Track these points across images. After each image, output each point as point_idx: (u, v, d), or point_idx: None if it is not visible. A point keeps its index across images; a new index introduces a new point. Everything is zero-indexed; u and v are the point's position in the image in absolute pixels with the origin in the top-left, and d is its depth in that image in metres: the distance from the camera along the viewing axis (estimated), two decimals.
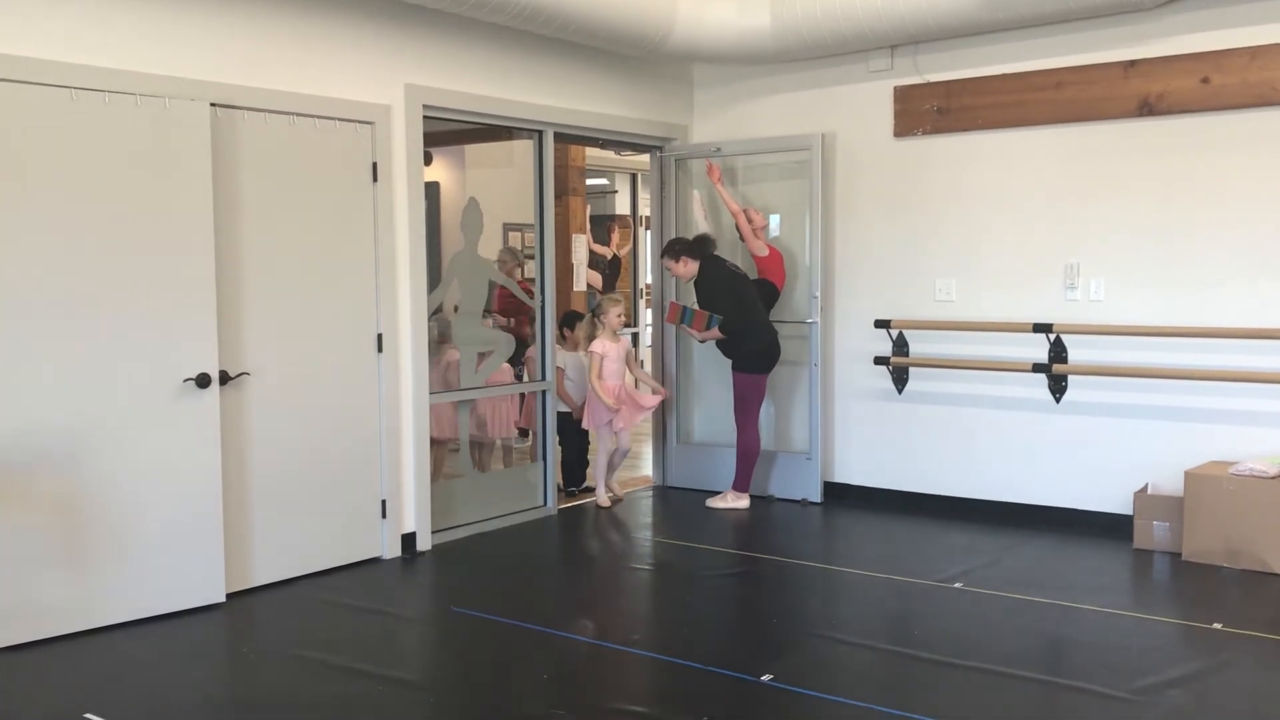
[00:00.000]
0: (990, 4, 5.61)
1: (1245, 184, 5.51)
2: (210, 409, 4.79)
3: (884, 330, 6.55)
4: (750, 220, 6.76)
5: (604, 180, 12.31)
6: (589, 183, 10.32)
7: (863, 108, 6.62)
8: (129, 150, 4.53)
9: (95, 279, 4.45)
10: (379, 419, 5.54)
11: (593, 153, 9.18)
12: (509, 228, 9.77)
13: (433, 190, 8.44)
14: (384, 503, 5.57)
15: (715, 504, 6.71)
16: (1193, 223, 5.65)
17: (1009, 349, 6.16)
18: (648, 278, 11.26)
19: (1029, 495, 6.21)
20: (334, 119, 5.27)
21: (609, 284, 11.24)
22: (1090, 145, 5.91)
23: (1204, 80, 5.55)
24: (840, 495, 6.81)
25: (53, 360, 4.35)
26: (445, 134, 7.42)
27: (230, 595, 4.89)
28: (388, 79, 5.51)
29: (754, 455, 6.65)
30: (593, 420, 6.75)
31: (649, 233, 8.23)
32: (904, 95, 6.46)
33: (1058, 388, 6.05)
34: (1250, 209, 5.50)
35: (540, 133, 6.44)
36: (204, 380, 4.75)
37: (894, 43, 6.26)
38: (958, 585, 5.07)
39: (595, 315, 6.91)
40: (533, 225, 6.61)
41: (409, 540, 5.70)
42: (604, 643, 4.47)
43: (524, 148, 6.79)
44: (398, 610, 4.91)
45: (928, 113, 6.38)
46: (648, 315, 10.83)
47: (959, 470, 6.43)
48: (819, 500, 6.77)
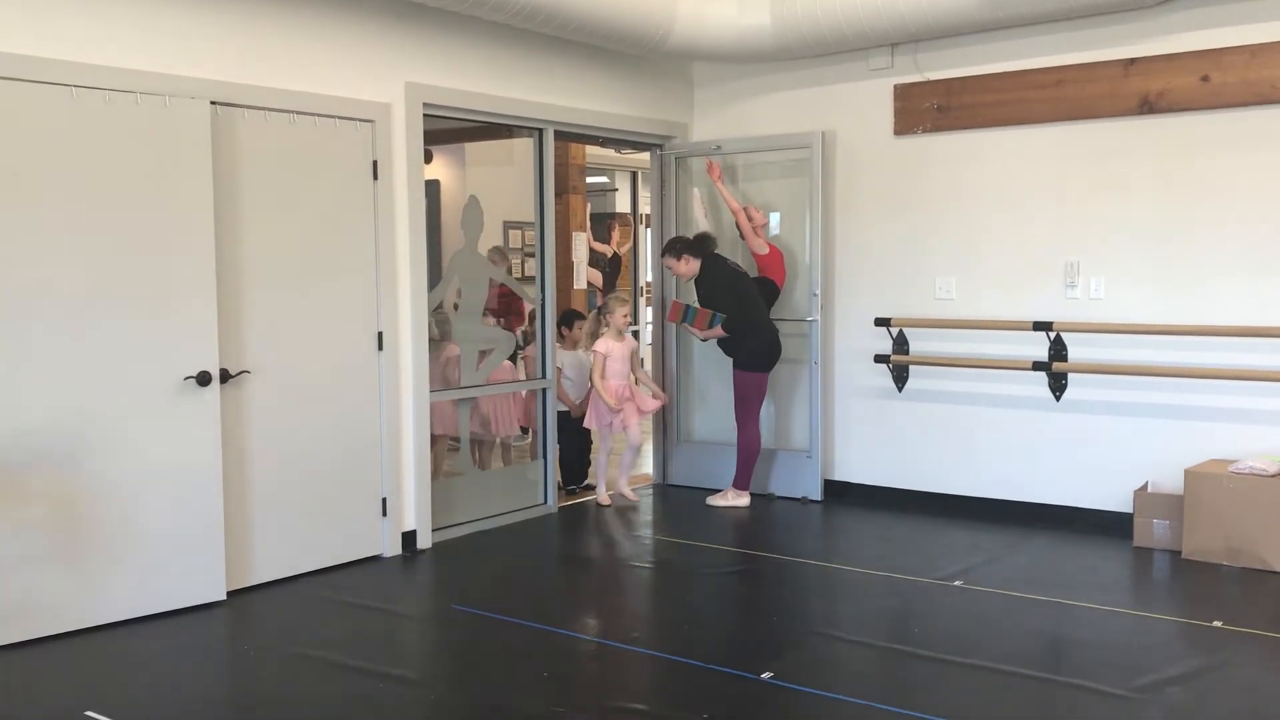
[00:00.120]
0: (991, 2, 5.60)
1: (1245, 182, 5.51)
2: (211, 407, 4.80)
3: (884, 328, 6.55)
4: (750, 218, 6.75)
5: (604, 178, 12.30)
6: (589, 181, 10.32)
7: (863, 106, 6.62)
8: (129, 149, 4.53)
9: (95, 277, 4.46)
10: (379, 417, 5.54)
11: (593, 151, 9.18)
12: (509, 226, 9.76)
13: (433, 188, 8.44)
14: (384, 500, 5.58)
15: (715, 502, 6.72)
16: (1193, 221, 5.66)
17: (1009, 347, 6.16)
18: (648, 276, 11.26)
19: (1029, 493, 6.22)
20: (334, 117, 5.27)
21: (609, 282, 11.23)
22: (1090, 143, 5.91)
23: (1204, 78, 5.55)
24: (840, 493, 6.82)
25: (53, 358, 4.35)
26: (445, 132, 7.41)
27: (231, 593, 4.90)
28: (388, 77, 5.51)
29: (754, 453, 6.65)
30: (596, 419, 6.74)
31: (649, 231, 8.23)
32: (904, 93, 6.46)
33: (1058, 386, 6.06)
34: (1250, 207, 5.51)
35: (540, 131, 6.44)
36: (205, 378, 4.76)
37: (894, 41, 6.26)
38: (958, 583, 5.07)
39: (601, 314, 6.87)
40: (533, 223, 6.60)
41: (409, 538, 5.70)
42: (604, 640, 4.47)
43: (524, 146, 6.79)
44: (398, 608, 4.91)
45: (928, 111, 6.38)
46: (648, 313, 10.82)
47: (959, 468, 6.43)
48: (819, 498, 6.78)
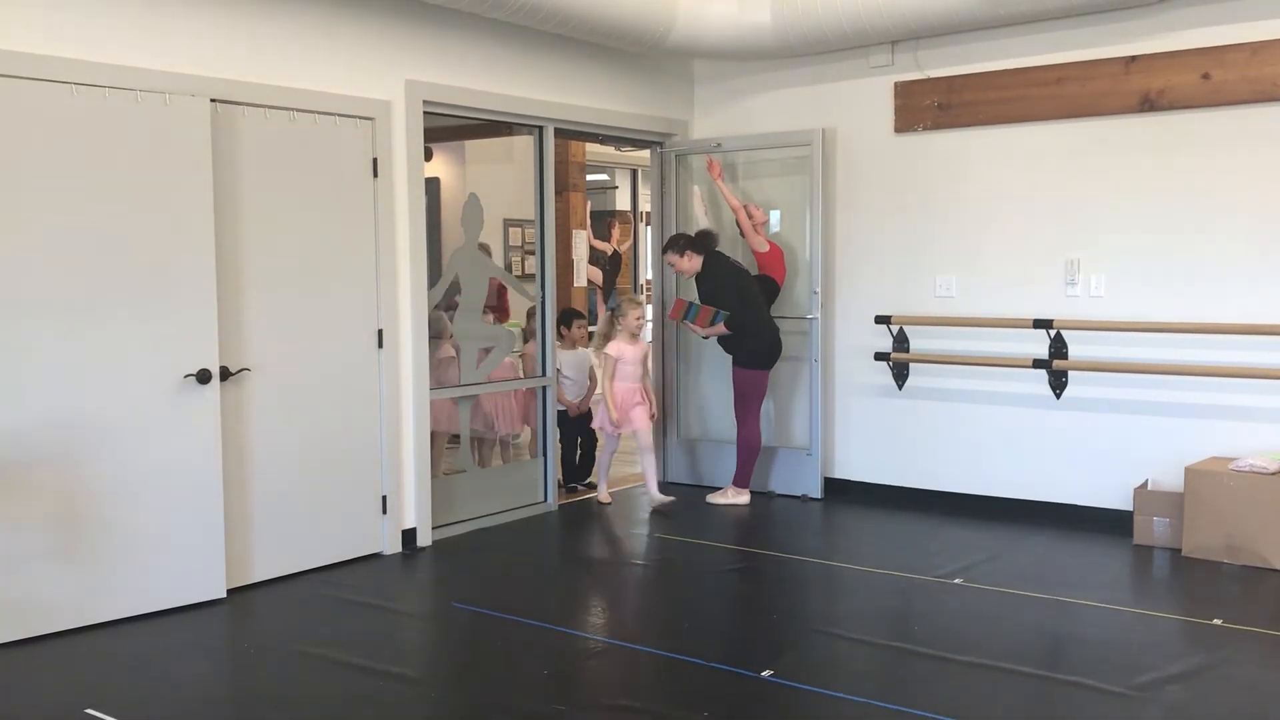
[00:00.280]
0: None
1: (1246, 180, 5.51)
2: (211, 404, 4.80)
3: (884, 326, 6.55)
4: (751, 216, 6.75)
5: (604, 176, 12.31)
6: (589, 178, 10.33)
7: (863, 103, 6.62)
8: (129, 146, 4.53)
9: (95, 275, 4.45)
10: (379, 414, 5.54)
11: (593, 148, 9.18)
12: (509, 223, 9.77)
13: (433, 186, 8.44)
14: (384, 498, 5.58)
15: (716, 500, 6.72)
16: (1193, 218, 5.65)
17: (1009, 344, 6.16)
18: (648, 274, 11.25)
19: (1029, 491, 6.22)
20: (334, 115, 5.27)
21: (609, 280, 11.23)
22: (1091, 141, 5.91)
23: (1205, 76, 5.55)
24: (840, 491, 6.82)
25: (53, 356, 4.35)
26: (445, 129, 7.42)
27: (231, 591, 4.90)
28: (388, 74, 5.51)
29: (755, 451, 6.65)
30: (603, 420, 6.68)
31: (649, 228, 8.22)
32: (905, 91, 6.46)
33: (1058, 383, 6.05)
34: (1250, 205, 5.50)
35: (541, 128, 6.43)
36: (205, 376, 4.76)
37: (895, 38, 6.25)
38: (958, 581, 5.07)
39: (614, 316, 6.79)
40: (533, 221, 6.60)
41: (409, 536, 5.70)
42: (604, 638, 4.48)
43: (524, 143, 6.78)
44: (399, 606, 4.91)
45: (928, 108, 6.37)
46: (648, 311, 10.81)
47: (959, 466, 6.43)
48: (819, 496, 6.77)
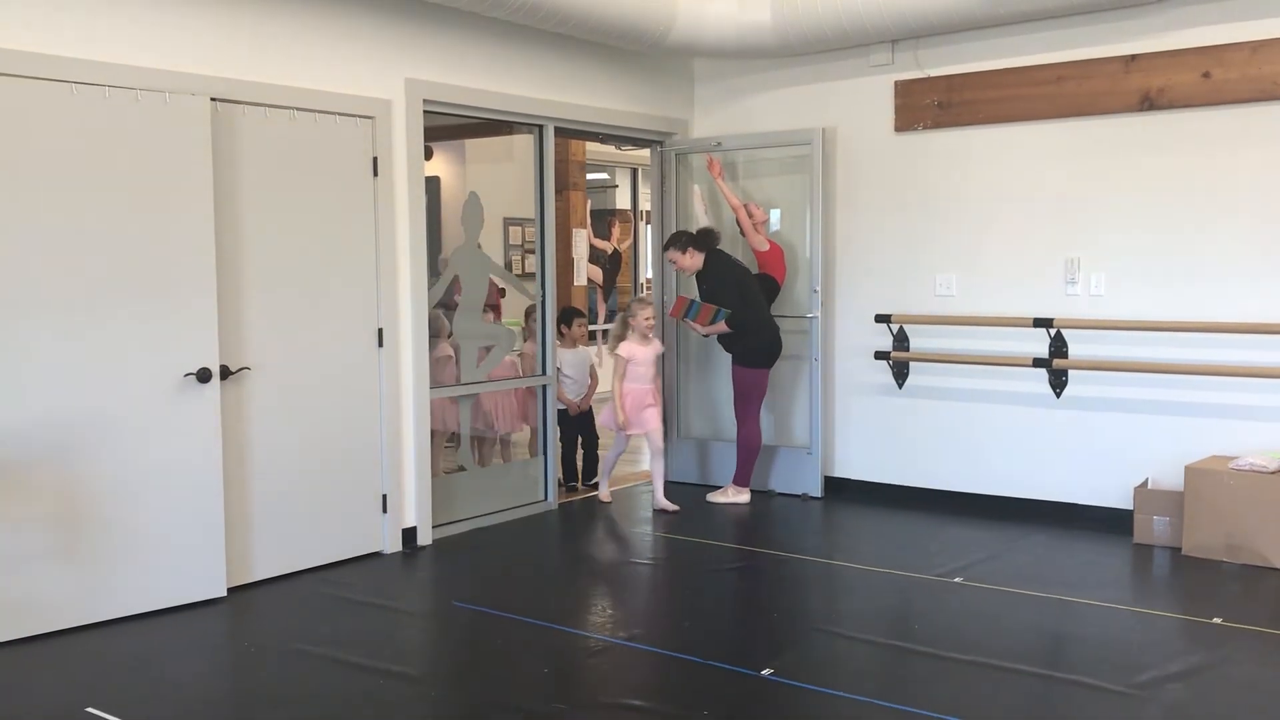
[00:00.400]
0: None
1: (1246, 179, 5.51)
2: (211, 403, 4.80)
3: (884, 325, 6.54)
4: (751, 215, 6.74)
5: (604, 175, 12.31)
6: (589, 177, 10.33)
7: (863, 102, 6.62)
8: (129, 145, 4.53)
9: (95, 274, 4.45)
10: (380, 413, 5.54)
11: (593, 147, 9.19)
12: (509, 222, 9.78)
13: (433, 185, 8.45)
14: (385, 497, 5.58)
15: (716, 499, 6.72)
16: (1193, 217, 5.65)
17: (1009, 344, 6.16)
18: (648, 272, 11.26)
19: (1029, 490, 6.22)
20: (334, 114, 5.27)
21: (609, 279, 11.24)
22: (1091, 140, 5.91)
23: (1205, 75, 5.55)
24: (840, 490, 6.82)
25: (53, 355, 4.35)
26: (446, 128, 7.41)
27: (231, 589, 4.90)
28: (388, 73, 5.50)
29: (755, 450, 6.65)
30: (608, 419, 6.66)
31: (649, 227, 8.23)
32: (905, 90, 6.46)
33: (1058, 382, 6.05)
34: (1251, 203, 5.50)
35: (541, 127, 6.43)
36: (205, 375, 4.76)
37: (895, 37, 6.25)
38: (958, 580, 5.08)
39: (626, 317, 6.69)
40: (533, 220, 6.60)
41: (409, 534, 5.70)
42: (605, 637, 4.47)
43: (524, 142, 6.78)
44: (399, 604, 4.91)
45: (928, 107, 6.37)
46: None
47: (959, 465, 6.43)
48: (819, 495, 6.78)
